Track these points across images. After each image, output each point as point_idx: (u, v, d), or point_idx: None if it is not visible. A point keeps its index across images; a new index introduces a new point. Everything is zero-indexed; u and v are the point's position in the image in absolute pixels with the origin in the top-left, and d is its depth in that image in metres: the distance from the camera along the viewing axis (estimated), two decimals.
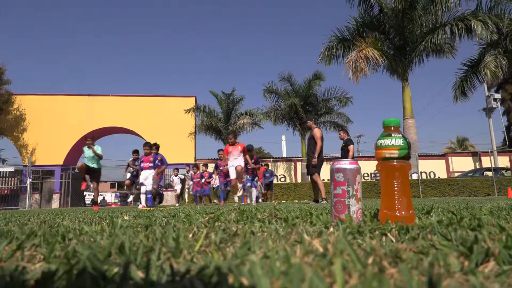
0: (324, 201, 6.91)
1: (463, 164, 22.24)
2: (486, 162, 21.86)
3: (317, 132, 7.21)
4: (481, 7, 14.28)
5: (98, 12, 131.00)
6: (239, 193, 7.84)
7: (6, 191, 18.82)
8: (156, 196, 8.63)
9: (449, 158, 22.90)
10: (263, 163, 14.33)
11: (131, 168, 9.36)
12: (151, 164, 7.88)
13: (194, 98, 21.93)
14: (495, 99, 23.44)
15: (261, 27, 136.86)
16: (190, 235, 0.84)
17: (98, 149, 8.30)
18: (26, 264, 0.56)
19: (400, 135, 1.14)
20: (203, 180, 11.70)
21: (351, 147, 8.42)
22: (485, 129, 65.56)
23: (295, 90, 21.20)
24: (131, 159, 9.47)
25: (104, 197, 30.78)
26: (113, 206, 23.94)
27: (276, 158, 24.52)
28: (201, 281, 0.40)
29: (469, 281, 0.39)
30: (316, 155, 7.06)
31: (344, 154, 8.55)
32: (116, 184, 40.53)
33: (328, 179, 6.92)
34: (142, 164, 7.88)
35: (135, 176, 9.01)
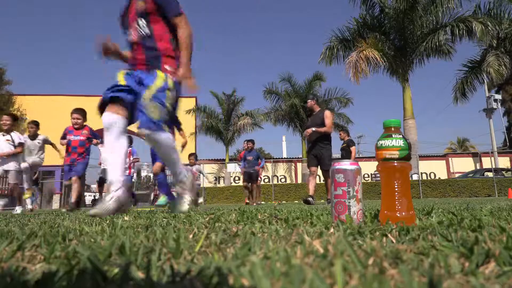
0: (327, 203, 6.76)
1: (463, 164, 22.25)
2: (486, 162, 21.87)
3: (329, 113, 5.86)
4: (479, 9, 14.29)
5: (99, 12, 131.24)
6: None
7: (6, 192, 18.83)
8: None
9: (450, 158, 22.91)
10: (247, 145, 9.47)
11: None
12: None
13: (194, 98, 21.96)
14: (495, 100, 23.47)
15: (262, 27, 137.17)
16: (191, 236, 0.84)
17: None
18: (27, 264, 0.56)
19: (401, 136, 1.14)
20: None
21: (353, 148, 8.42)
22: (485, 130, 65.46)
23: (296, 91, 21.22)
24: None
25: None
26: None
27: (276, 158, 24.54)
28: (202, 282, 0.40)
29: (469, 282, 0.39)
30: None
31: (345, 154, 8.54)
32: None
33: (323, 180, 6.65)
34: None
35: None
